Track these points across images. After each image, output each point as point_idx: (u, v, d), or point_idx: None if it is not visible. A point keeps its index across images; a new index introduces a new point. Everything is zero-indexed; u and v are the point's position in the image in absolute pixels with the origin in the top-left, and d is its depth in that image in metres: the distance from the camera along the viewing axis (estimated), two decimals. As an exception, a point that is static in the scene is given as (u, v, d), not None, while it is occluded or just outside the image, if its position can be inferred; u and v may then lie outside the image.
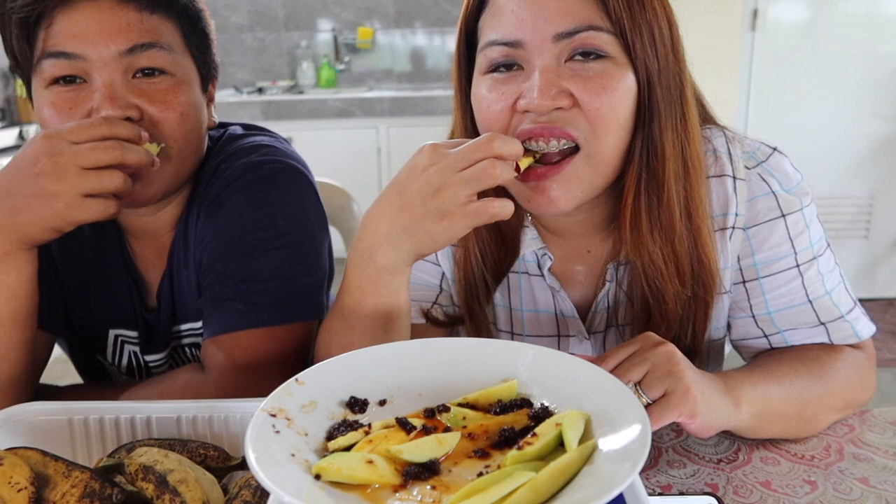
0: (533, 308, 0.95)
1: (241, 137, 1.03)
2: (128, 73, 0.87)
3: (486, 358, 0.63)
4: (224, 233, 0.94)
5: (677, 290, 0.84)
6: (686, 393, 0.70)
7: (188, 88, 0.91)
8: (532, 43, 0.76)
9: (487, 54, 0.79)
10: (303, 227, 0.97)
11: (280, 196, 0.96)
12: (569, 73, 0.75)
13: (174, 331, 1.04)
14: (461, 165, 0.68)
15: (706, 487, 0.75)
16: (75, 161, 0.77)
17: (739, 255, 0.88)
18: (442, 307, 0.98)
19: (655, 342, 0.74)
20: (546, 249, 0.91)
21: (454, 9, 4.16)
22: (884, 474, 0.77)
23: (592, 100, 0.74)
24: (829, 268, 0.88)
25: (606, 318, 0.93)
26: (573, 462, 0.49)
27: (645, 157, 0.79)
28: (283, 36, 4.33)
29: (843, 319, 0.88)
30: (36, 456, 0.61)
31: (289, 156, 1.01)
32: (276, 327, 0.92)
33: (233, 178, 0.95)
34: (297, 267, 0.95)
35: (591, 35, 0.74)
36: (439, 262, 0.96)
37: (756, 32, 3.25)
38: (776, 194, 0.86)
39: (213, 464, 0.67)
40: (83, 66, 0.85)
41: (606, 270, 0.90)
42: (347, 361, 0.62)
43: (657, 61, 0.76)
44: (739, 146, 0.89)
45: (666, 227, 0.81)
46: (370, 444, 0.53)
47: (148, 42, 0.87)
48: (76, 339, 1.08)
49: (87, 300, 1.03)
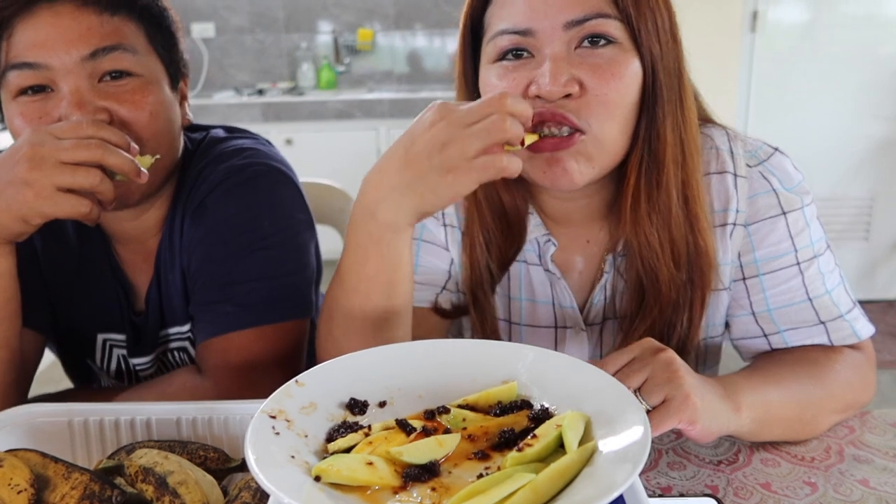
0: (531, 298, 0.96)
1: (224, 141, 1.03)
2: (93, 78, 0.86)
3: (486, 359, 0.63)
4: (210, 237, 0.95)
5: (672, 274, 0.85)
6: (686, 399, 0.70)
7: (156, 88, 0.91)
8: (543, 31, 0.77)
9: (497, 43, 0.80)
10: (288, 228, 0.97)
11: (264, 198, 0.96)
12: (578, 61, 0.76)
13: (162, 335, 1.04)
14: (471, 120, 0.67)
15: (706, 489, 0.75)
16: (55, 154, 0.76)
17: (740, 252, 0.89)
18: (450, 293, 0.98)
19: (655, 349, 0.74)
20: (550, 236, 0.91)
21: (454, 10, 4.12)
22: (884, 476, 0.77)
23: (601, 86, 0.76)
24: (830, 268, 0.89)
25: (603, 310, 0.93)
26: (573, 464, 0.49)
27: (647, 141, 0.81)
28: (283, 37, 4.33)
29: (842, 319, 0.88)
30: (36, 458, 0.61)
31: (271, 157, 1.01)
32: (266, 327, 0.93)
33: (216, 181, 0.95)
34: (284, 267, 0.96)
35: (600, 22, 0.76)
36: (448, 246, 0.96)
37: (756, 34, 3.25)
38: (777, 192, 0.87)
39: (213, 465, 0.67)
40: (48, 75, 0.85)
41: (605, 261, 0.91)
42: (347, 363, 0.62)
43: (660, 46, 0.78)
44: (741, 144, 0.90)
45: (663, 209, 0.83)
46: (370, 445, 0.53)
47: (110, 45, 0.86)
48: (65, 343, 1.08)
49: (74, 305, 1.03)
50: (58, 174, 0.76)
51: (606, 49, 0.77)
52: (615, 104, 0.77)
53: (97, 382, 1.14)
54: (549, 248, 0.92)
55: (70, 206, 0.78)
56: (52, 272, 1.02)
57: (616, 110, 0.77)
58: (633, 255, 0.86)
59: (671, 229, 0.83)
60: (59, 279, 1.02)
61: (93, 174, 0.77)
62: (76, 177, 0.77)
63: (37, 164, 0.76)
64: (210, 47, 4.33)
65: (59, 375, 1.13)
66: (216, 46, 4.33)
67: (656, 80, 0.79)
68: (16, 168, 0.76)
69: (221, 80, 4.35)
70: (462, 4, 0.87)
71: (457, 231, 0.95)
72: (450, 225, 0.96)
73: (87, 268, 1.02)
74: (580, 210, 0.91)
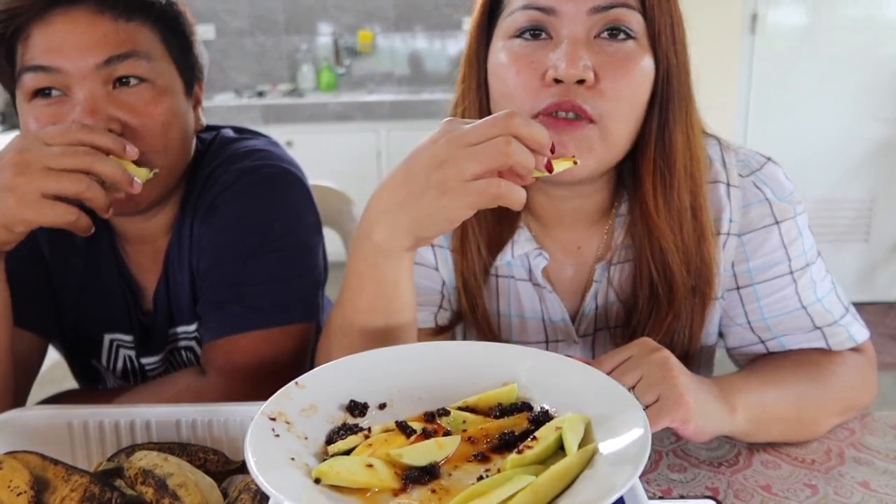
0: (520, 314, 0.94)
1: (235, 141, 1.03)
2: (107, 84, 0.85)
3: (486, 361, 0.63)
4: (220, 238, 0.95)
5: (684, 279, 0.84)
6: (679, 399, 0.70)
7: (170, 96, 0.90)
8: (567, 13, 0.76)
9: (517, 18, 0.78)
10: (298, 231, 0.97)
11: (275, 200, 0.96)
12: (596, 49, 0.76)
13: (170, 334, 1.04)
14: (472, 140, 0.61)
15: (706, 491, 0.75)
16: (41, 160, 0.74)
17: (733, 262, 0.89)
18: (445, 311, 0.96)
19: (651, 348, 0.74)
20: (540, 250, 0.89)
21: (454, 13, 4.17)
22: (884, 478, 0.77)
23: (614, 80, 0.76)
24: (821, 275, 0.89)
25: (595, 321, 0.92)
26: (573, 466, 0.49)
27: (660, 146, 0.81)
28: (283, 40, 4.33)
29: (837, 325, 0.88)
30: (35, 460, 0.61)
31: (283, 159, 1.01)
32: (273, 329, 0.93)
33: (227, 183, 0.95)
34: (292, 270, 0.96)
35: (623, 12, 0.76)
36: (438, 266, 0.95)
37: (756, 36, 3.25)
38: (770, 202, 0.87)
39: (213, 467, 0.67)
40: (62, 79, 0.84)
41: (594, 270, 0.90)
42: (347, 365, 0.62)
43: (675, 53, 0.79)
44: (734, 154, 0.90)
45: (676, 215, 0.83)
46: (370, 447, 0.53)
47: (125, 52, 0.85)
48: (71, 344, 1.08)
49: (80, 306, 1.03)
50: (43, 181, 0.74)
51: (624, 43, 0.76)
52: (626, 100, 0.77)
53: (102, 383, 1.14)
54: (539, 262, 0.90)
55: (55, 213, 0.75)
56: (60, 273, 1.02)
57: (626, 106, 0.77)
58: (644, 261, 0.85)
59: (683, 236, 0.83)
60: (66, 280, 1.02)
61: (79, 181, 0.75)
62: (61, 183, 0.74)
63: (21, 169, 0.74)
64: (210, 49, 4.30)
65: (61, 376, 1.13)
66: (216, 49, 4.33)
67: (669, 83, 0.79)
68: (2, 173, 0.74)
69: (222, 82, 4.35)
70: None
71: (445, 251, 0.93)
72: (438, 245, 0.94)
73: (94, 268, 1.02)
74: (573, 212, 0.90)
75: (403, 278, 0.71)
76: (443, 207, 0.63)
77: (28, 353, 0.97)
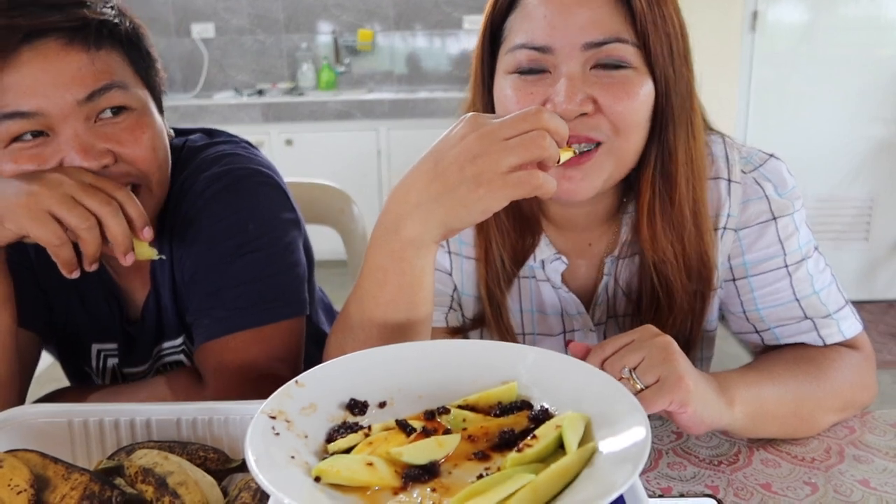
0: (541, 310, 0.98)
1: (203, 149, 1.02)
2: (90, 119, 0.84)
3: (486, 360, 0.63)
4: (197, 248, 0.95)
5: (685, 285, 0.88)
6: (679, 380, 0.70)
7: (149, 117, 0.90)
8: (562, 50, 0.78)
9: (515, 56, 0.81)
10: (274, 229, 0.97)
11: (246, 202, 0.96)
12: (593, 80, 0.78)
13: (156, 350, 1.04)
14: (507, 134, 0.65)
15: (706, 489, 0.75)
16: (69, 186, 0.78)
17: (730, 255, 0.92)
18: (456, 312, 0.99)
19: (654, 333, 0.76)
20: (560, 256, 0.94)
21: (454, 11, 4.17)
22: (884, 476, 0.77)
23: (615, 104, 0.78)
24: (819, 269, 0.91)
25: (606, 310, 0.96)
26: (573, 464, 0.49)
27: (660, 161, 0.83)
28: (283, 38, 4.33)
29: (830, 317, 0.89)
30: (35, 458, 0.61)
31: (251, 161, 1.00)
32: (262, 328, 0.93)
33: (197, 192, 0.95)
34: (273, 267, 0.96)
35: (617, 47, 0.77)
36: (452, 272, 0.98)
37: (756, 34, 3.25)
38: (769, 198, 0.89)
39: (213, 466, 0.67)
40: (43, 122, 0.82)
41: (604, 264, 0.94)
42: (347, 363, 0.62)
43: (673, 71, 0.80)
44: (738, 151, 0.92)
45: (677, 225, 0.85)
46: (370, 446, 0.53)
47: (104, 85, 0.84)
48: (62, 350, 1.09)
49: (68, 314, 1.03)
50: (56, 201, 0.77)
51: (620, 72, 0.78)
52: (628, 122, 0.79)
53: None
54: (558, 267, 0.94)
55: (50, 231, 0.78)
56: (47, 279, 1.02)
57: (629, 128, 0.79)
58: (646, 267, 0.89)
59: (684, 243, 0.86)
60: (53, 287, 1.02)
61: (87, 218, 0.78)
62: (72, 212, 0.77)
63: (48, 185, 0.77)
64: (210, 48, 4.33)
65: (59, 375, 1.14)
66: (216, 47, 4.33)
67: (669, 101, 0.81)
68: (29, 184, 0.78)
69: (221, 80, 4.35)
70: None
71: (461, 259, 0.97)
72: (454, 252, 0.97)
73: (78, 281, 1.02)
74: (585, 216, 0.93)
75: (428, 272, 0.74)
76: (479, 199, 0.66)
77: (26, 351, 0.97)
